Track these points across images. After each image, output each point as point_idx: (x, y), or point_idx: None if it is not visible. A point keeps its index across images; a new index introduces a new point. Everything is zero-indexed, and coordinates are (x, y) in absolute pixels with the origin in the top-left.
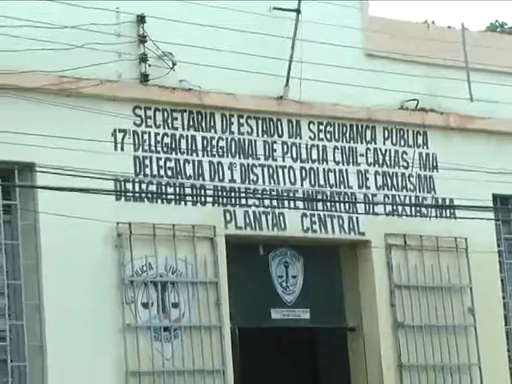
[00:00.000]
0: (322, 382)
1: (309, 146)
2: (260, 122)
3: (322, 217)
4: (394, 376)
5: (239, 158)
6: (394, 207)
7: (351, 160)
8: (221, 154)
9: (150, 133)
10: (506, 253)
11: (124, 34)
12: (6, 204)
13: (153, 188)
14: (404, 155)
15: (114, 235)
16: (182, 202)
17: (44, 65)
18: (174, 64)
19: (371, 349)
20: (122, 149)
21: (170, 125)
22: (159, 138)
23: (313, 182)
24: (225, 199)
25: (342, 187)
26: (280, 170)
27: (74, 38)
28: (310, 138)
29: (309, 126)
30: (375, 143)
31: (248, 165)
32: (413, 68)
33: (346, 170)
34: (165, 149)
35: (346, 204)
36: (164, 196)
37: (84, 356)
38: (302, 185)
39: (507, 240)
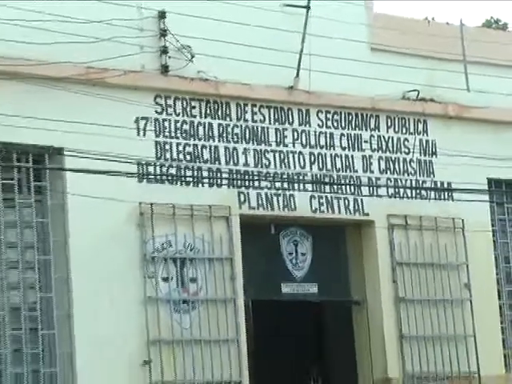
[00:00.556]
0: (328, 352)
1: (317, 133)
2: (272, 110)
3: (329, 198)
4: (396, 346)
5: (253, 143)
6: (396, 190)
7: (356, 146)
8: (236, 140)
9: (170, 120)
10: (500, 232)
11: (146, 29)
12: (37, 185)
13: (173, 171)
14: (405, 142)
15: (137, 214)
16: (200, 184)
17: (72, 57)
18: (192, 56)
19: (374, 321)
20: (145, 135)
21: (188, 113)
22: (178, 125)
23: (321, 166)
24: (239, 182)
25: (348, 171)
26: (290, 155)
27: (100, 32)
28: (318, 125)
29: (317, 114)
30: (379, 131)
31: (261, 150)
32: (414, 61)
33: (352, 155)
34: (184, 135)
35: (352, 187)
36: (183, 178)
37: (108, 325)
38: (310, 169)
39: (501, 220)
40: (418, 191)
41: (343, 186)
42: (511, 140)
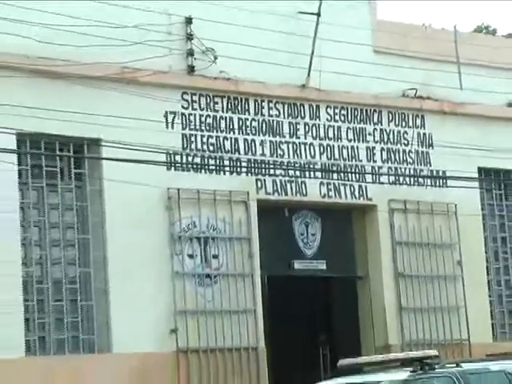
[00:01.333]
0: (334, 321)
1: (326, 127)
2: (286, 106)
3: (337, 185)
4: (395, 317)
5: (268, 135)
6: (397, 178)
7: (361, 138)
8: (253, 132)
9: (195, 114)
10: (489, 216)
11: (174, 33)
12: (77, 172)
13: (197, 160)
14: (405, 134)
15: (165, 199)
16: (222, 172)
17: (109, 58)
18: (215, 58)
19: (376, 294)
20: (172, 127)
21: (211, 108)
22: (203, 119)
23: (329, 156)
24: (256, 170)
25: (353, 160)
26: (302, 146)
27: (133, 36)
28: (327, 119)
29: (326, 109)
30: (381, 124)
31: (276, 141)
32: (413, 62)
33: (357, 146)
34: (207, 128)
35: (357, 174)
36: (206, 167)
37: (140, 297)
38: (320, 158)
39: (489, 205)
40: (416, 179)
41: (349, 174)
42: (499, 133)
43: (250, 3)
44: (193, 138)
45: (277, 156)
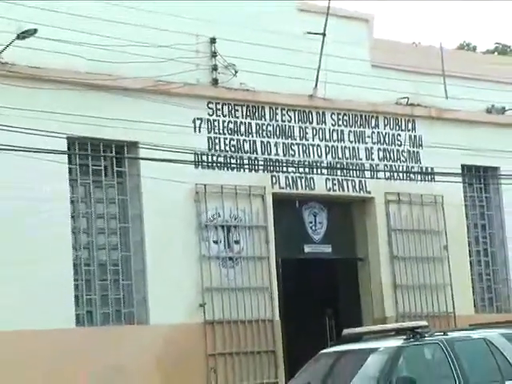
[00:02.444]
0: (339, 297)
1: (331, 130)
2: (296, 113)
3: (340, 180)
4: (391, 293)
5: (282, 138)
6: (391, 174)
7: (361, 140)
8: (269, 135)
9: (218, 120)
10: (471, 206)
11: (201, 51)
12: (119, 170)
13: (221, 159)
14: (398, 137)
15: (194, 193)
16: (242, 170)
17: (145, 72)
18: (236, 72)
19: (374, 273)
20: (199, 131)
21: (232, 115)
22: (225, 124)
23: (333, 156)
24: (271, 167)
25: (354, 159)
26: (310, 147)
27: (166, 54)
28: (331, 124)
29: (331, 116)
30: (378, 128)
31: (288, 143)
32: (405, 75)
33: (357, 147)
34: (229, 132)
35: (357, 171)
36: (229, 165)
37: (173, 277)
38: (326, 157)
39: (471, 197)
40: (408, 175)
41: (351, 171)
42: (480, 135)
43: (265, 25)
44: (217, 141)
45: (289, 156)
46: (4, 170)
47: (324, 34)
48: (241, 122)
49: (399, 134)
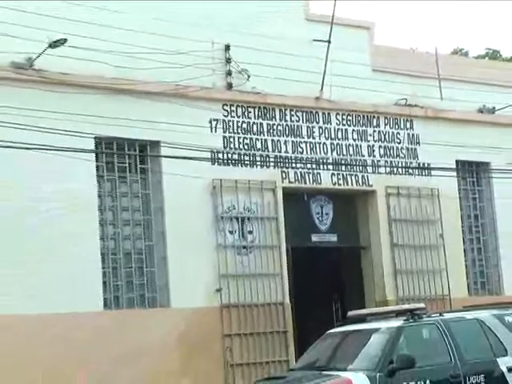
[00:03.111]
0: (344, 282)
1: (336, 129)
2: (304, 113)
3: (345, 175)
4: (391, 277)
5: (291, 137)
6: (391, 169)
7: (363, 138)
8: (279, 134)
9: (233, 121)
10: (464, 198)
11: (216, 57)
12: (142, 167)
13: (235, 156)
14: (397, 135)
15: (211, 187)
16: (254, 166)
17: (165, 77)
18: (248, 76)
19: (376, 260)
20: (215, 131)
21: (246, 116)
22: (239, 124)
23: (338, 152)
24: (281, 164)
25: (358, 156)
26: (317, 145)
27: (184, 60)
28: (336, 123)
29: (336, 116)
30: (379, 127)
31: (296, 141)
32: (403, 78)
33: (360, 144)
34: (242, 131)
35: (360, 167)
36: (242, 162)
37: (192, 264)
38: (331, 154)
39: (464, 190)
40: (406, 170)
41: (354, 166)
42: (472, 133)
43: (275, 33)
44: (231, 140)
45: (297, 153)
46: (37, 167)
47: (329, 41)
48: (253, 123)
49: (398, 133)
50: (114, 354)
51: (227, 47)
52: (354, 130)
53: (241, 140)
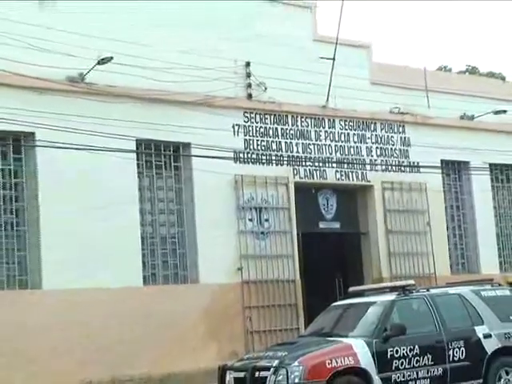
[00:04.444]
0: (346, 263)
1: (339, 133)
2: (312, 120)
3: (347, 172)
4: (386, 258)
5: (301, 139)
6: (386, 167)
7: (362, 140)
8: (291, 137)
9: (252, 126)
10: (447, 192)
11: (238, 72)
12: (175, 165)
13: (254, 156)
14: (392, 138)
15: (233, 182)
16: (270, 164)
17: (195, 89)
18: (265, 88)
19: (374, 245)
20: (238, 135)
21: (263, 121)
22: (257, 129)
23: (341, 153)
24: (293, 162)
25: (358, 155)
26: (324, 146)
27: (211, 74)
28: (340, 128)
29: (339, 122)
30: (376, 131)
31: (306, 143)
32: (397, 90)
33: (360, 146)
34: (260, 135)
35: (360, 165)
36: (260, 160)
37: (218, 247)
38: (335, 154)
39: (448, 185)
40: (399, 167)
41: (355, 165)
42: (455, 137)
43: (288, 52)
44: (251, 142)
45: (306, 153)
46: (90, 167)
47: (334, 59)
48: (269, 127)
49: (392, 136)
50: (153, 322)
51: (247, 64)
52: (354, 134)
53: (259, 142)
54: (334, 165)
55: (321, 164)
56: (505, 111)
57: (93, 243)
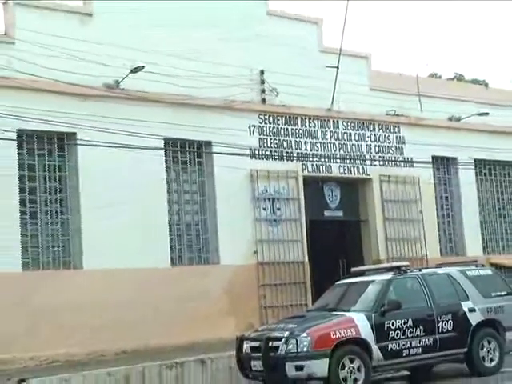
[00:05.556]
0: (349, 246)
1: (342, 133)
2: (319, 121)
3: (349, 167)
4: (384, 243)
5: (309, 138)
6: (384, 162)
7: (363, 139)
8: (300, 136)
9: (266, 126)
10: (437, 184)
11: (254, 79)
12: (198, 161)
13: (267, 153)
14: (388, 137)
15: (249, 175)
16: (282, 160)
17: (216, 94)
18: (277, 93)
19: (373, 230)
20: (253, 134)
21: (275, 123)
22: (270, 129)
23: (344, 150)
24: (302, 158)
25: (359, 152)
26: (329, 144)
27: (230, 81)
28: (343, 128)
29: (342, 123)
30: (374, 131)
31: (313, 142)
32: (393, 95)
33: (360, 144)
34: (273, 134)
35: (360, 160)
36: (273, 157)
37: (236, 232)
38: (339, 151)
39: (438, 178)
40: (395, 163)
41: (357, 160)
42: (444, 136)
43: (297, 62)
44: (265, 140)
45: (314, 150)
46: (124, 163)
47: (337, 67)
48: (281, 128)
49: (389, 135)
50: (180, 298)
51: (262, 72)
52: (355, 133)
53: (271, 141)
54: (338, 160)
55: (326, 160)
56: (487, 113)
57: (126, 229)
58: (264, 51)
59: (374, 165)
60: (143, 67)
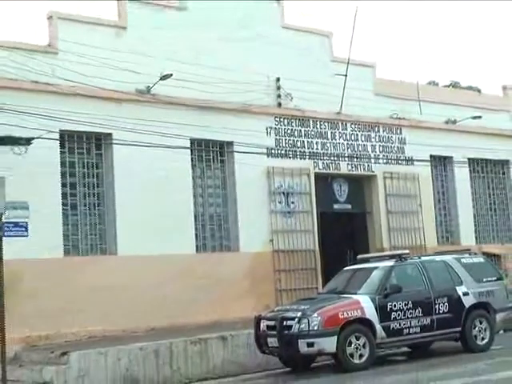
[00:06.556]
0: (355, 237)
1: (350, 134)
2: (329, 123)
3: (356, 164)
4: (387, 233)
5: (320, 139)
6: (387, 160)
7: (368, 140)
8: (312, 137)
9: (281, 128)
10: (435, 180)
11: (270, 86)
12: (221, 159)
13: (283, 152)
14: (391, 138)
15: (266, 172)
16: (295, 158)
17: (236, 99)
18: (291, 98)
19: (377, 222)
20: (270, 135)
21: (290, 125)
22: (285, 130)
23: (352, 149)
24: (314, 156)
25: (365, 151)
26: (338, 144)
27: (249, 87)
28: (350, 130)
29: (350, 125)
30: (379, 132)
31: (323, 142)
32: (395, 100)
33: (366, 144)
34: (288, 135)
35: (366, 159)
36: (288, 155)
37: (254, 223)
38: (347, 151)
39: (435, 175)
40: (397, 161)
41: (362, 159)
42: (441, 137)
43: (309, 70)
44: (280, 141)
45: (324, 149)
46: (154, 160)
47: (346, 75)
48: (295, 129)
49: (392, 137)
50: (203, 282)
51: (278, 79)
52: (362, 135)
53: (286, 141)
54: (346, 159)
55: (335, 158)
56: (480, 117)
57: (156, 221)
58: (280, 61)
59: (378, 163)
60: (171, 75)
